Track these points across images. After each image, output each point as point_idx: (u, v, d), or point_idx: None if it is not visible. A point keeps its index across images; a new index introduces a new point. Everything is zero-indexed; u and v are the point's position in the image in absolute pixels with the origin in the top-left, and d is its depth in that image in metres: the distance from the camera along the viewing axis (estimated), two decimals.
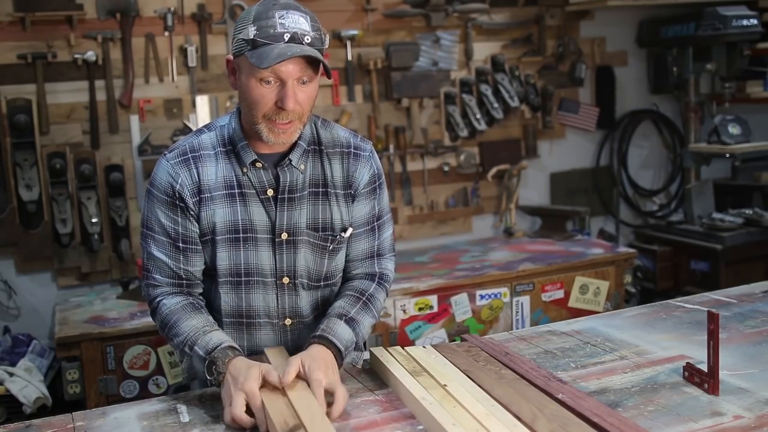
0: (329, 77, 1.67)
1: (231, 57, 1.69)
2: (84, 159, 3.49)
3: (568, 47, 4.37)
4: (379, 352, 1.77)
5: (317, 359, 1.60)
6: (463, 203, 4.30)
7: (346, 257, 1.87)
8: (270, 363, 1.65)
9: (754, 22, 4.12)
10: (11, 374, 3.06)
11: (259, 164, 1.73)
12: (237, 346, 1.64)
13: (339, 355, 1.67)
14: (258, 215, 1.75)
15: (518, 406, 1.47)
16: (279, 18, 1.59)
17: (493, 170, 4.23)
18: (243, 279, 1.78)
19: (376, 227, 1.87)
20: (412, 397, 1.54)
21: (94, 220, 3.49)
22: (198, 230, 1.75)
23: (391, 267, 1.92)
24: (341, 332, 1.70)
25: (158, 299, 1.76)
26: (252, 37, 1.59)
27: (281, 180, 1.74)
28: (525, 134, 4.39)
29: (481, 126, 4.14)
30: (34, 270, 3.55)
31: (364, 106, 4.02)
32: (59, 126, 3.51)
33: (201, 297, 1.81)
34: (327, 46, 1.67)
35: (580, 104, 4.48)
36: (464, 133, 4.13)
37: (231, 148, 1.74)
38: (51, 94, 3.47)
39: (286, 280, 1.79)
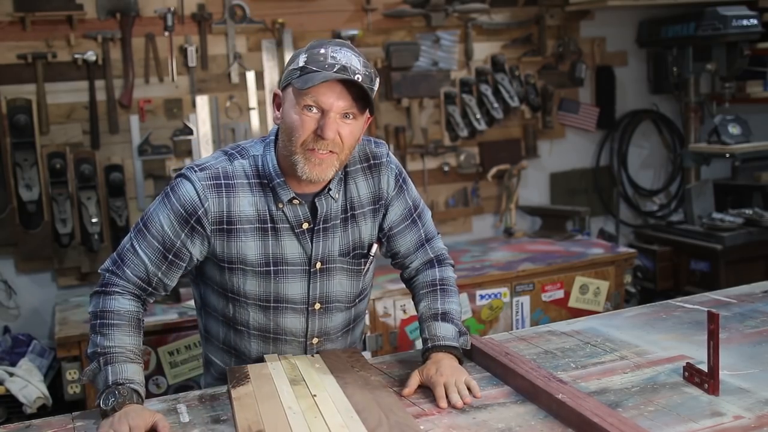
0: (371, 114, 1.68)
1: (279, 91, 1.69)
2: (84, 159, 3.49)
3: (568, 47, 4.36)
4: (270, 359, 1.78)
5: (440, 364, 1.67)
6: (463, 203, 4.30)
7: (397, 254, 1.91)
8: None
9: (754, 22, 4.12)
10: (11, 374, 3.06)
11: (296, 201, 1.71)
12: (142, 394, 1.59)
13: (457, 352, 1.74)
14: (291, 249, 1.74)
15: (368, 412, 1.50)
16: (332, 52, 1.61)
17: (493, 170, 4.23)
18: (272, 305, 1.77)
19: (416, 217, 1.90)
20: (280, 407, 1.54)
21: (94, 220, 3.48)
22: (196, 253, 1.71)
23: (442, 245, 1.97)
24: (444, 332, 1.75)
25: (113, 289, 1.68)
26: (302, 65, 1.61)
27: (319, 211, 1.73)
28: (525, 134, 4.39)
29: (481, 126, 4.14)
30: (34, 270, 3.55)
31: None
32: (59, 126, 3.51)
33: (150, 302, 1.76)
34: (377, 88, 1.66)
35: (580, 104, 4.48)
36: (464, 133, 4.13)
37: (267, 182, 1.71)
38: (51, 94, 3.47)
39: (317, 306, 1.80)
